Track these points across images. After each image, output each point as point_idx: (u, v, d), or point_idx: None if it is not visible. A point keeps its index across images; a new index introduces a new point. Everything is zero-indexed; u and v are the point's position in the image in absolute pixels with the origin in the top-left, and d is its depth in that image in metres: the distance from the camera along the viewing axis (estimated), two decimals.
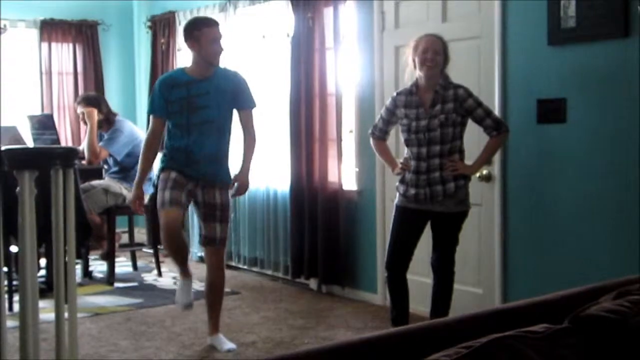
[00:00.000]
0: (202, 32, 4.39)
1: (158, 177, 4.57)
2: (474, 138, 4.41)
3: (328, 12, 5.81)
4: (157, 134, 4.54)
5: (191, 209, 4.83)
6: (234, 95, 4.50)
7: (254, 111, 4.64)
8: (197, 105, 4.39)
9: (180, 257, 4.57)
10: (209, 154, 4.45)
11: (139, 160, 4.63)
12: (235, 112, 4.57)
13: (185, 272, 4.60)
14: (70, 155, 3.30)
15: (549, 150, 4.44)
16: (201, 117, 4.40)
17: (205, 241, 4.54)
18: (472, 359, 1.57)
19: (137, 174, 4.63)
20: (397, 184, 4.39)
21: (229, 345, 4.59)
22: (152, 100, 4.54)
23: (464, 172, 4.25)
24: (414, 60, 4.24)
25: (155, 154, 4.66)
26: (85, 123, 6.56)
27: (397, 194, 4.39)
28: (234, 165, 4.68)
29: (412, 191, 4.26)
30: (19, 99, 7.94)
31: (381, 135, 4.52)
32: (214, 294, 4.64)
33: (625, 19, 3.99)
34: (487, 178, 4.74)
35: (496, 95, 4.65)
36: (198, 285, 6.09)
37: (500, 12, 4.63)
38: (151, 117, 4.56)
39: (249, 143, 4.62)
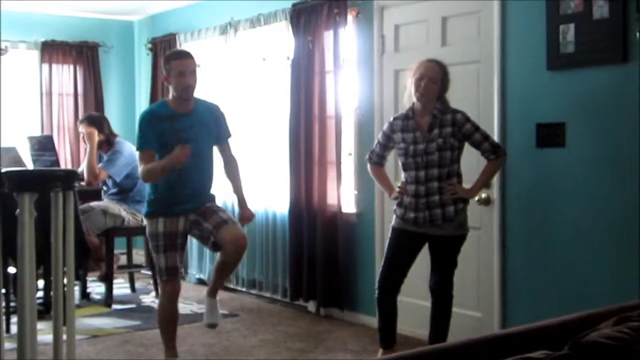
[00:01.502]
0: (170, 65, 4.36)
1: (146, 214, 4.54)
2: (472, 162, 4.42)
3: (328, 35, 5.84)
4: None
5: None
6: (215, 129, 4.53)
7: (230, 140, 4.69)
8: (183, 139, 4.33)
9: (173, 328, 4.54)
10: (195, 187, 4.44)
11: (155, 168, 4.33)
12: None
13: (173, 351, 4.55)
14: (70, 177, 3.30)
15: (548, 175, 4.45)
16: None
17: (220, 225, 4.36)
18: None
19: (161, 164, 4.31)
20: (395, 207, 4.40)
21: (216, 319, 4.56)
22: (143, 135, 4.38)
23: (463, 196, 4.26)
24: (412, 84, 4.27)
25: None
26: (86, 143, 6.58)
27: (394, 217, 4.39)
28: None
29: (411, 215, 4.26)
30: (19, 120, 7.95)
31: (378, 160, 4.53)
32: (231, 267, 4.54)
33: (624, 45, 4.01)
34: (486, 201, 4.74)
35: (495, 120, 4.66)
36: (197, 308, 6.08)
37: (499, 36, 4.65)
38: (144, 153, 4.38)
39: (234, 171, 4.65)
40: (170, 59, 4.41)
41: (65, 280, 3.32)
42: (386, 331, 4.42)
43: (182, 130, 4.36)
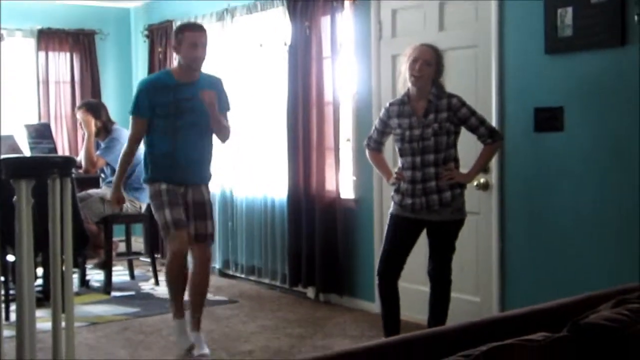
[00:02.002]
0: (184, 35, 4.45)
1: (145, 180, 4.64)
2: (470, 146, 4.41)
3: (325, 21, 5.82)
4: (140, 137, 4.59)
5: None
6: (217, 100, 4.56)
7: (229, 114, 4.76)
8: (183, 109, 4.44)
9: (182, 286, 4.59)
10: (194, 156, 4.52)
11: (119, 164, 4.72)
12: None
13: (180, 310, 4.60)
14: (67, 164, 3.29)
15: (546, 159, 4.44)
16: (187, 120, 4.45)
17: (197, 239, 4.56)
18: None
19: (116, 178, 4.75)
20: (392, 193, 4.39)
21: (204, 349, 4.58)
22: (138, 101, 4.53)
23: (460, 181, 4.24)
24: (407, 69, 4.26)
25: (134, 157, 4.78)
26: (83, 129, 6.58)
27: (392, 203, 4.39)
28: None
29: (408, 201, 4.26)
30: (16, 108, 7.93)
31: (376, 146, 4.52)
32: (201, 292, 4.65)
33: (622, 28, 3.99)
34: (485, 186, 4.74)
35: (493, 104, 4.65)
36: None
37: (497, 20, 4.63)
38: (135, 118, 4.55)
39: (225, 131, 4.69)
40: (184, 30, 4.50)
41: (63, 268, 3.32)
42: (389, 320, 4.37)
43: (184, 100, 4.44)
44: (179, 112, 4.43)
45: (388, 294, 4.39)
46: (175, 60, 7.47)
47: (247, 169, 6.78)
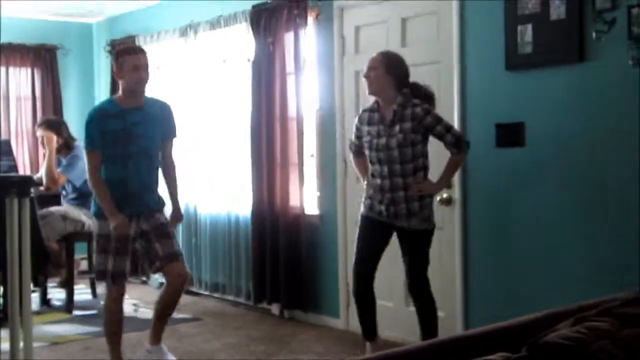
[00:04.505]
0: (124, 59, 4.35)
1: (96, 214, 4.43)
2: (439, 152, 4.42)
3: (289, 37, 5.83)
4: (99, 168, 4.37)
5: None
6: (164, 125, 4.53)
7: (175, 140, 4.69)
8: (134, 135, 4.35)
9: (119, 332, 4.55)
10: (145, 183, 4.45)
11: (101, 197, 4.33)
12: None
13: (120, 357, 4.56)
14: (25, 183, 3.26)
15: (508, 174, 4.48)
16: (137, 146, 4.37)
17: (170, 258, 4.42)
18: None
19: (109, 209, 4.30)
20: (363, 199, 4.39)
21: (171, 356, 4.56)
22: (91, 135, 4.35)
23: (429, 192, 4.26)
24: None
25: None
26: (44, 147, 6.49)
27: (362, 206, 4.39)
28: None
29: (377, 208, 4.28)
30: None
31: (357, 149, 4.52)
32: (171, 307, 4.59)
33: (580, 45, 4.05)
34: (448, 201, 4.76)
35: (455, 120, 4.68)
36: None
37: (458, 37, 4.67)
38: (91, 152, 4.36)
39: (172, 173, 4.66)
40: (124, 54, 4.40)
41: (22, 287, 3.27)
42: (368, 323, 4.40)
43: (133, 126, 4.36)
44: (130, 138, 4.34)
45: (364, 298, 4.38)
46: None
47: (211, 185, 6.75)
